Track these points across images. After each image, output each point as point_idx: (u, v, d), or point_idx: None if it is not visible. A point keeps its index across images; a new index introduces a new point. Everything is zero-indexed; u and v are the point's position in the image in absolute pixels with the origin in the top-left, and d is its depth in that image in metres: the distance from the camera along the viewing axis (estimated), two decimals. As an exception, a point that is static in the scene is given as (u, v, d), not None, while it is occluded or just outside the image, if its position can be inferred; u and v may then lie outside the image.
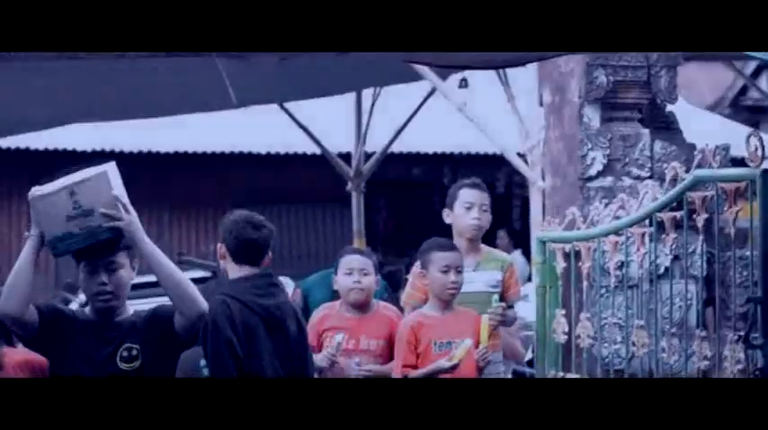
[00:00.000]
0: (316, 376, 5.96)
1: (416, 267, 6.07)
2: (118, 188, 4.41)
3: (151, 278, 4.51)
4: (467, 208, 6.12)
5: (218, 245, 5.64)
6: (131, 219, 4.36)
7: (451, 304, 5.79)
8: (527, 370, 7.69)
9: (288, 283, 9.32)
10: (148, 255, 4.38)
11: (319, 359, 5.87)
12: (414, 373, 5.67)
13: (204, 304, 4.44)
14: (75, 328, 4.43)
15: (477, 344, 5.67)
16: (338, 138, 13.22)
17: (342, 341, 5.91)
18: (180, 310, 4.36)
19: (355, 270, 6.01)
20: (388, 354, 5.98)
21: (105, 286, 4.39)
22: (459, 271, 5.76)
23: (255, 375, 5.23)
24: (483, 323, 5.71)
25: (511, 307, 6.17)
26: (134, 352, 4.40)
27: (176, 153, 14.06)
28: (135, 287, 4.66)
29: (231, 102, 9.67)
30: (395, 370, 5.83)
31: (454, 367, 5.56)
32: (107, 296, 4.40)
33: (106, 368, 4.35)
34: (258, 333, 5.38)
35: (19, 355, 6.00)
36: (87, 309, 4.58)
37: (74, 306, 7.71)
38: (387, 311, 6.20)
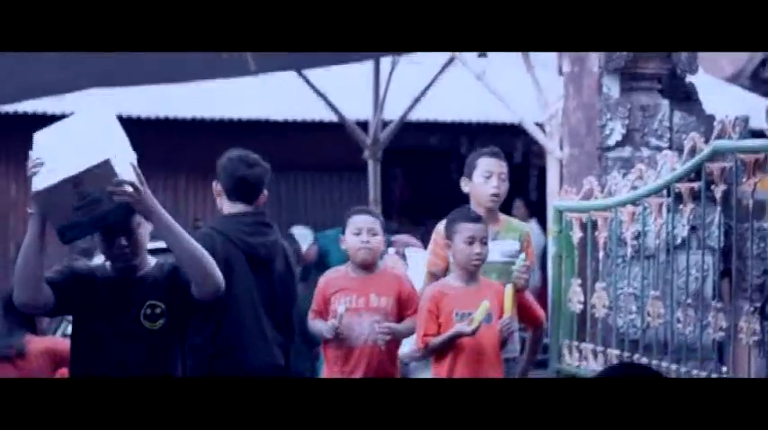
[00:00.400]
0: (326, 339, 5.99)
1: (436, 234, 6.06)
2: (125, 172, 4.19)
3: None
4: (486, 177, 6.10)
5: (214, 182, 5.73)
6: (143, 197, 4.18)
7: (476, 275, 5.77)
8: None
9: (306, 235, 9.34)
10: (164, 231, 4.23)
11: (325, 330, 5.87)
12: (434, 341, 5.67)
13: (221, 280, 4.31)
14: (95, 288, 4.35)
15: (500, 315, 5.67)
16: (356, 107, 13.19)
17: (344, 311, 5.88)
18: (196, 284, 4.26)
19: (363, 229, 5.99)
20: (396, 313, 5.98)
21: (125, 248, 4.29)
22: (484, 242, 5.74)
23: (230, 308, 5.34)
24: (507, 292, 5.68)
25: None
26: (158, 310, 4.32)
27: (193, 120, 14.04)
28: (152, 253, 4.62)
29: (249, 68, 9.65)
30: (416, 340, 5.83)
31: (474, 331, 5.55)
32: (128, 256, 4.31)
33: (130, 328, 4.27)
34: (238, 267, 5.48)
35: (42, 343, 6.04)
36: (108, 265, 4.46)
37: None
38: (394, 270, 6.23)
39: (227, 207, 5.69)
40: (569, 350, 6.47)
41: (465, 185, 6.18)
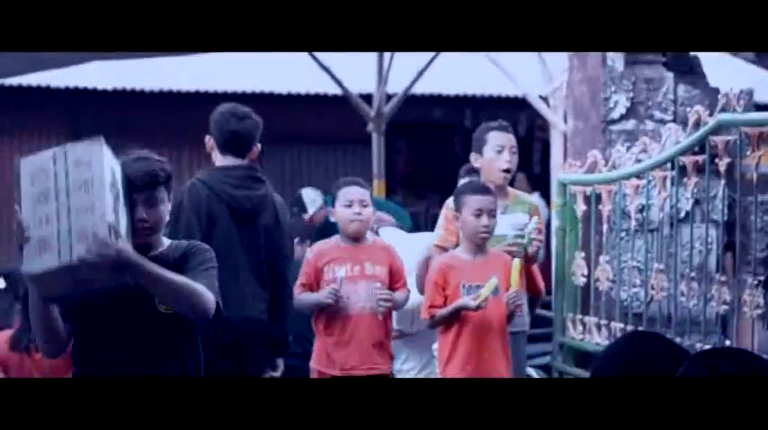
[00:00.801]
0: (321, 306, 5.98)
1: (446, 209, 6.06)
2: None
3: None
4: (497, 151, 6.08)
5: (207, 137, 5.77)
6: (122, 259, 3.84)
7: (484, 248, 5.77)
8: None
9: (315, 198, 9.31)
10: (149, 284, 3.95)
11: (324, 296, 5.87)
12: (439, 313, 5.68)
13: (210, 304, 4.02)
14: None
15: (507, 288, 5.67)
16: (360, 80, 13.18)
17: (344, 276, 5.90)
18: (183, 313, 4.05)
19: (355, 201, 5.98)
20: (389, 282, 6.01)
21: (145, 222, 4.09)
22: (491, 215, 5.73)
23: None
24: (514, 266, 5.68)
25: None
26: None
27: (197, 92, 14.04)
28: None
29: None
30: (422, 312, 5.83)
31: (479, 307, 5.56)
32: (146, 231, 4.11)
33: (144, 312, 4.09)
34: (221, 220, 5.53)
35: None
36: None
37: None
38: (384, 242, 6.25)
39: (219, 160, 5.74)
40: (573, 323, 6.48)
41: (475, 160, 6.17)
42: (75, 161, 3.90)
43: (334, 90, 13.30)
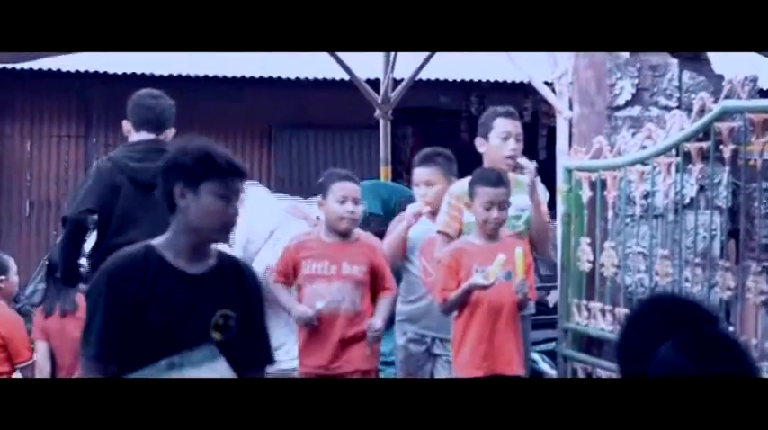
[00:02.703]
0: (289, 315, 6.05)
1: (449, 196, 6.08)
2: None
3: None
4: (503, 138, 6.12)
5: (124, 122, 6.14)
6: None
7: (497, 235, 5.82)
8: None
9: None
10: None
11: (299, 314, 5.92)
12: (452, 295, 5.72)
13: None
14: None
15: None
16: (367, 65, 13.18)
17: (321, 308, 5.91)
18: None
19: (349, 198, 5.94)
20: (368, 281, 6.00)
21: (234, 217, 3.96)
22: (502, 207, 5.78)
23: (110, 227, 5.84)
24: (517, 254, 5.72)
25: None
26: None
27: (206, 77, 14.05)
28: None
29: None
30: (435, 296, 5.86)
31: (491, 284, 5.60)
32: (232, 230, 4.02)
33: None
34: (123, 191, 5.88)
35: None
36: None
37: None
38: (368, 239, 6.21)
39: (132, 137, 6.12)
40: (578, 309, 6.51)
41: (480, 146, 6.20)
42: None
43: (341, 75, 13.31)
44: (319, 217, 6.41)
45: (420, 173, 6.51)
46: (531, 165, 6.15)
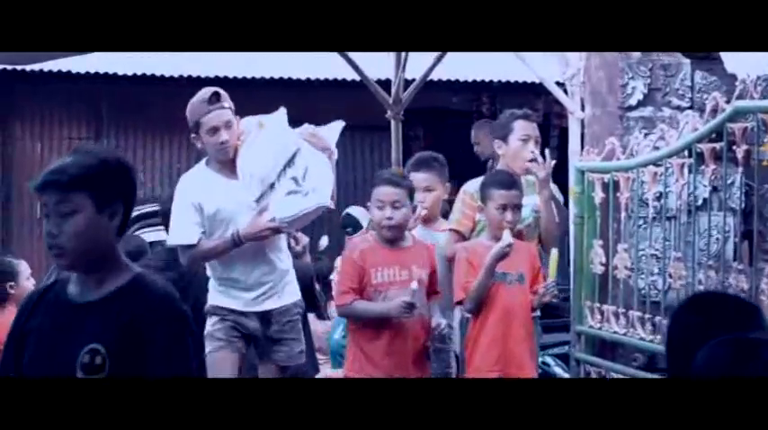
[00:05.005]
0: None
1: (464, 194, 6.06)
2: None
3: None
4: (523, 140, 6.11)
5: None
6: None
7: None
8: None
9: (365, 214, 9.18)
10: None
11: (395, 309, 5.58)
12: (472, 285, 5.68)
13: None
14: None
15: (532, 276, 5.76)
16: (378, 66, 13.16)
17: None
18: None
19: (387, 203, 5.72)
20: (429, 284, 5.93)
21: None
22: (516, 209, 5.76)
23: None
24: (552, 256, 5.72)
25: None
26: None
27: (216, 77, 14.04)
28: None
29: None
30: (456, 294, 5.81)
31: (509, 246, 5.57)
32: None
33: None
34: None
35: None
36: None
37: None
38: (423, 242, 6.13)
39: None
40: (591, 311, 6.48)
41: (499, 148, 6.17)
42: None
43: (352, 76, 13.28)
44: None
45: (418, 179, 6.40)
46: (547, 160, 6.13)
